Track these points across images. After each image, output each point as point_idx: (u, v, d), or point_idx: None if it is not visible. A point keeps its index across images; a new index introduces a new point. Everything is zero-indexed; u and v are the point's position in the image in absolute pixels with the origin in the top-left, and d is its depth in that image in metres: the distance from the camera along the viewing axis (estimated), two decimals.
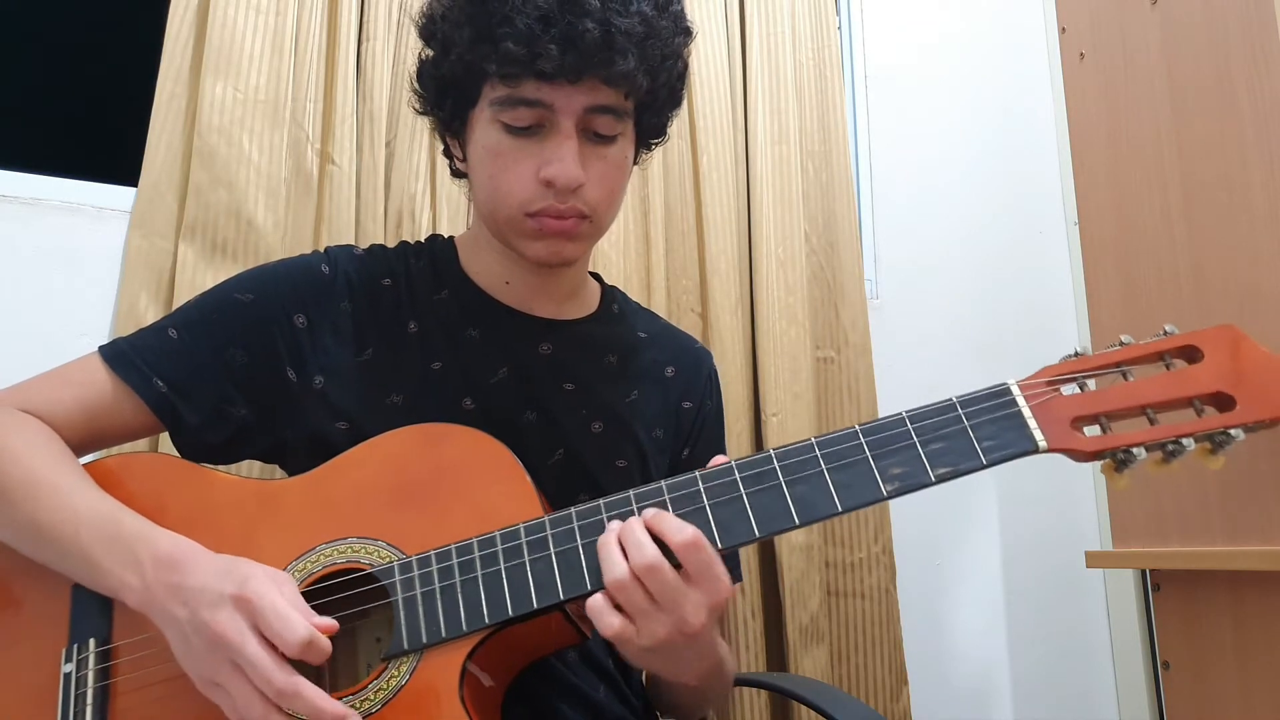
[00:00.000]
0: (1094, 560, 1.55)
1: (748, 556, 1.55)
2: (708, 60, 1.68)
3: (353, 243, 1.34)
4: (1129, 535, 1.42)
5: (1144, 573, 1.84)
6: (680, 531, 0.70)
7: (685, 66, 0.94)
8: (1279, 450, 1.20)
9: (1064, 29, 1.63)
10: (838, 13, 2.02)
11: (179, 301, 1.25)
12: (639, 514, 0.73)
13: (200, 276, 1.26)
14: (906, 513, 1.76)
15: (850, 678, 1.62)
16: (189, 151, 1.31)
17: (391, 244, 1.03)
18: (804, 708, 1.39)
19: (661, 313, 1.54)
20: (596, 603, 0.70)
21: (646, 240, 1.59)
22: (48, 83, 1.60)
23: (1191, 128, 1.35)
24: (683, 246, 1.64)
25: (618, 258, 1.54)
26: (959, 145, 2.11)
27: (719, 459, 0.77)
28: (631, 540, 0.70)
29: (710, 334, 1.60)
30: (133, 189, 1.31)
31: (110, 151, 1.41)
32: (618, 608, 0.70)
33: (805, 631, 1.55)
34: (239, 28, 1.34)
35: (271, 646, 0.68)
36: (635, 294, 1.53)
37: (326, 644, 0.69)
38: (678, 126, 1.66)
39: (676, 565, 0.70)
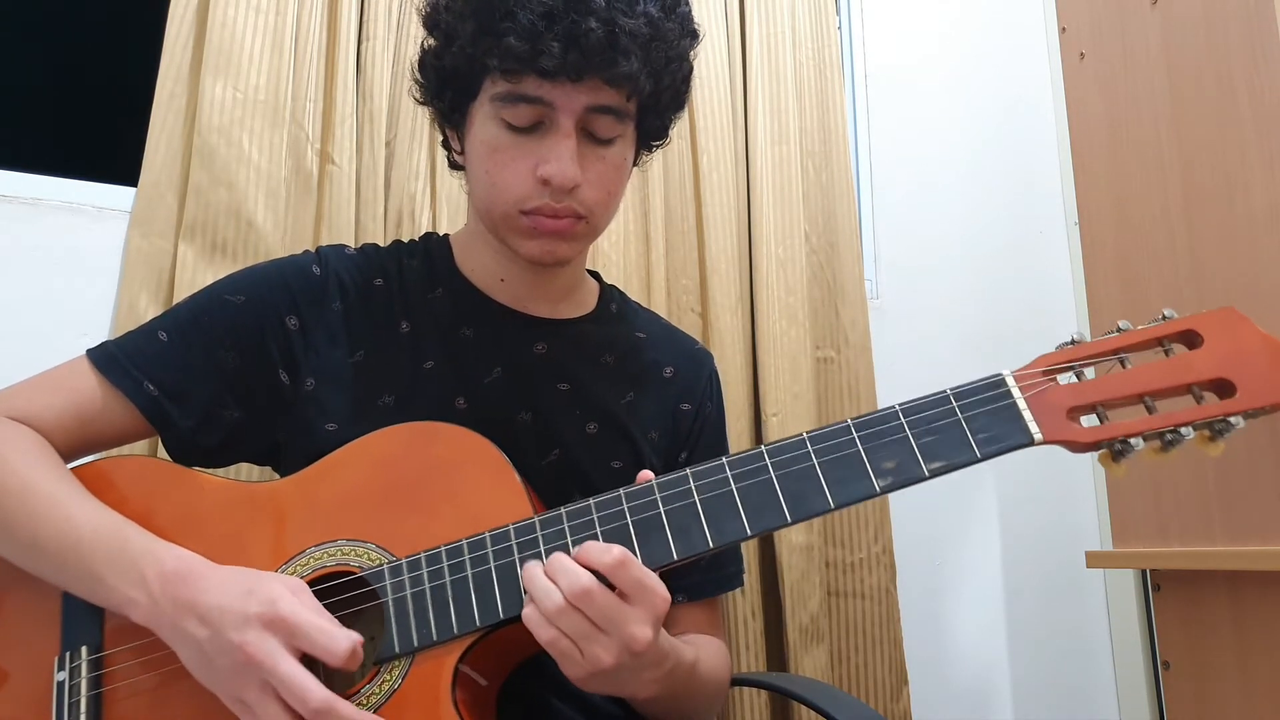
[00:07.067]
0: (1094, 560, 1.55)
1: (748, 557, 1.55)
2: (708, 60, 1.68)
3: (349, 242, 1.34)
4: (1129, 535, 1.42)
5: (1144, 573, 1.84)
6: (606, 553, 0.69)
7: (690, 69, 0.93)
8: (1279, 450, 1.20)
9: (1064, 29, 1.63)
10: (838, 13, 2.02)
11: (179, 300, 1.25)
12: (629, 512, 0.74)
13: (200, 276, 1.26)
14: (906, 512, 1.76)
15: (850, 678, 1.62)
16: (189, 151, 1.31)
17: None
18: (804, 708, 1.39)
19: (661, 313, 1.54)
20: (532, 613, 0.70)
21: (646, 240, 1.59)
22: (48, 83, 1.60)
23: (1191, 128, 1.35)
24: (683, 246, 1.64)
25: (618, 257, 1.54)
26: (959, 145, 2.11)
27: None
28: (560, 569, 0.70)
29: (710, 334, 1.60)
30: (133, 189, 1.31)
31: (110, 151, 1.41)
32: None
33: (805, 631, 1.55)
34: (239, 28, 1.34)
35: (301, 664, 0.69)
36: (635, 294, 1.53)
37: (362, 651, 0.70)
38: (678, 126, 1.65)
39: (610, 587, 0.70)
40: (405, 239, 1.05)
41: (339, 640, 0.69)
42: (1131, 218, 1.44)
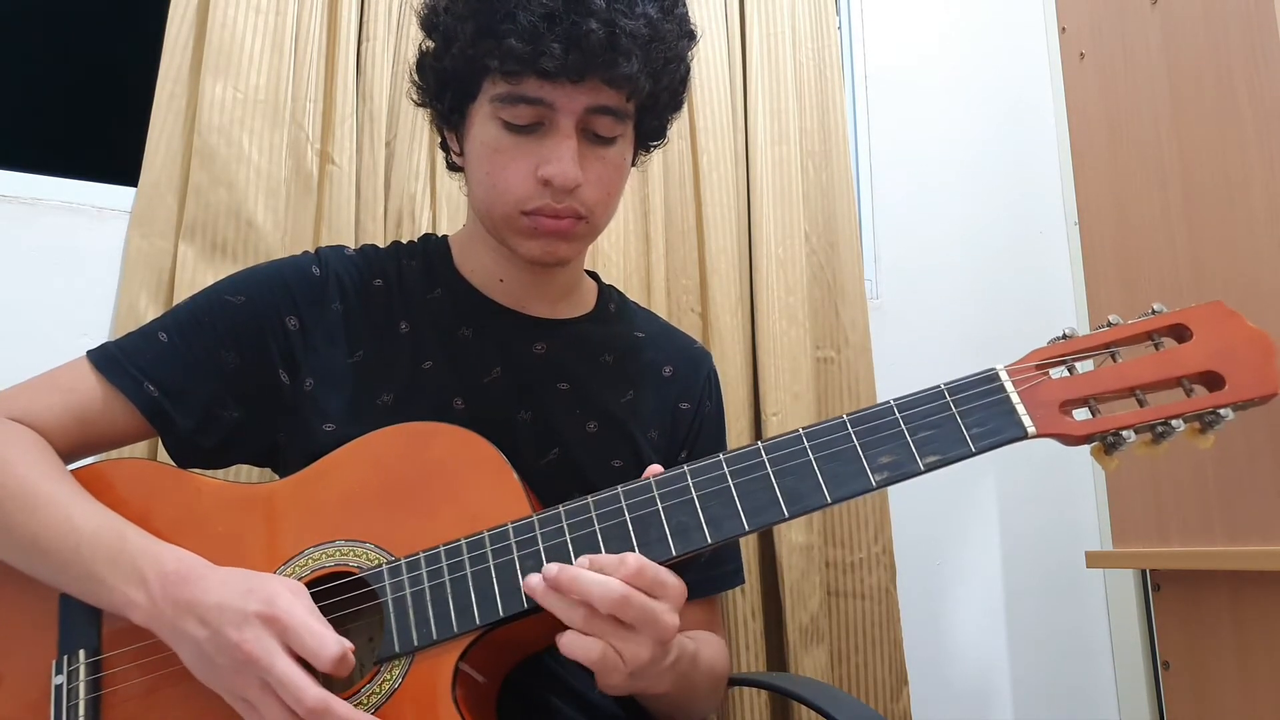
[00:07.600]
0: (1094, 560, 1.55)
1: (748, 556, 1.55)
2: (708, 60, 1.68)
3: (349, 243, 1.34)
4: (1129, 535, 1.42)
5: (1144, 573, 1.84)
6: (622, 565, 0.69)
7: (688, 70, 0.94)
8: (1279, 450, 1.20)
9: (1064, 29, 1.63)
10: (838, 13, 2.02)
11: (179, 301, 1.25)
12: (627, 510, 0.74)
13: (200, 276, 1.26)
14: (906, 513, 1.76)
15: (850, 678, 1.62)
16: (189, 151, 1.31)
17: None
18: (804, 708, 1.39)
19: (661, 313, 1.54)
20: (569, 636, 0.70)
21: (646, 240, 1.59)
22: (48, 83, 1.60)
23: (1191, 128, 1.35)
24: (683, 246, 1.64)
25: (618, 257, 1.54)
26: (959, 145, 2.11)
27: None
28: (589, 583, 0.69)
29: (710, 334, 1.60)
30: (133, 189, 1.31)
31: (110, 151, 1.41)
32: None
33: (805, 631, 1.55)
34: (239, 28, 1.34)
35: (299, 662, 0.69)
36: (635, 294, 1.53)
37: (353, 658, 0.70)
38: (678, 126, 1.66)
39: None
40: (405, 239, 1.05)
41: (329, 645, 0.69)
42: (1131, 218, 1.44)
